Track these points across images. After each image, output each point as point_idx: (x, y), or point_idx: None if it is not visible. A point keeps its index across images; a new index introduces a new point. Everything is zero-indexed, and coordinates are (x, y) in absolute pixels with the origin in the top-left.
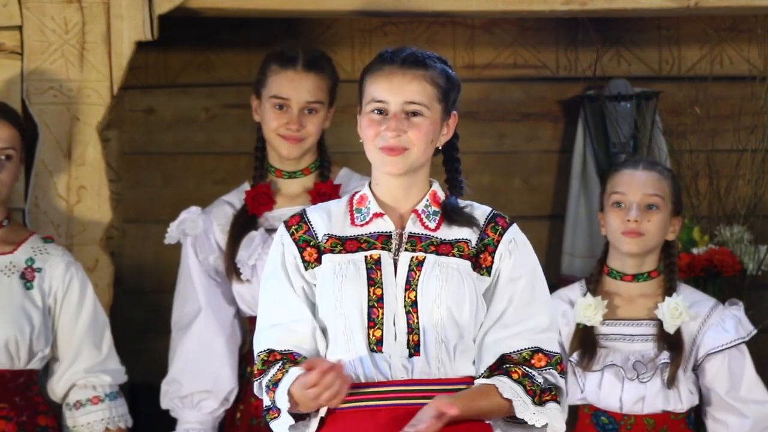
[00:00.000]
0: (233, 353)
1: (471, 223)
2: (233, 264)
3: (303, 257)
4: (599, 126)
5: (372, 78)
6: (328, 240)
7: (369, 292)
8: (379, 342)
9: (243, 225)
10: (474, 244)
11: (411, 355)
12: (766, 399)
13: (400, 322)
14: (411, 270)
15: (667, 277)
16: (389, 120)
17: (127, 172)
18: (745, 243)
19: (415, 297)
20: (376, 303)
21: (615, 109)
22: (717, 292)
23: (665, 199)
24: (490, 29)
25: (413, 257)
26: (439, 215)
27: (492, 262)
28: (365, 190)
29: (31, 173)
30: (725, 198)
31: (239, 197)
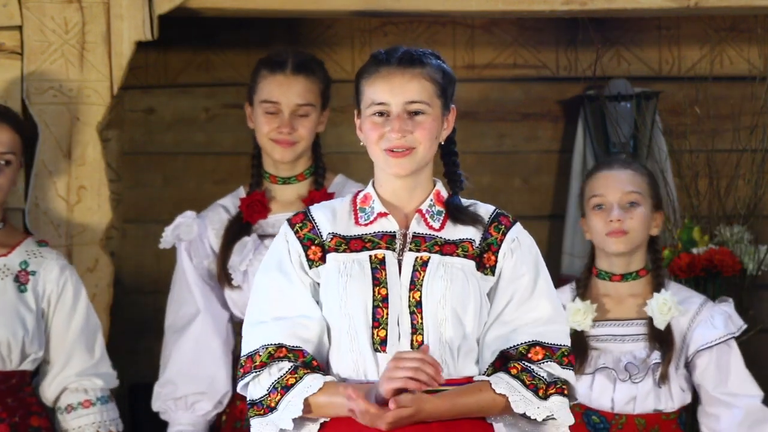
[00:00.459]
0: (228, 356)
1: (475, 222)
2: (224, 270)
3: (307, 255)
4: (599, 126)
5: (369, 80)
6: (332, 239)
7: (374, 291)
8: (383, 342)
9: (236, 231)
10: (478, 243)
11: None
12: (755, 393)
13: (404, 322)
14: (415, 270)
15: (654, 274)
16: (392, 121)
17: (127, 172)
18: (745, 243)
19: (420, 297)
20: (380, 303)
21: (615, 109)
22: (717, 292)
23: (644, 195)
24: (490, 29)
25: (418, 257)
26: (443, 215)
27: (496, 261)
28: (369, 189)
29: (31, 173)
30: (725, 198)
31: (234, 202)
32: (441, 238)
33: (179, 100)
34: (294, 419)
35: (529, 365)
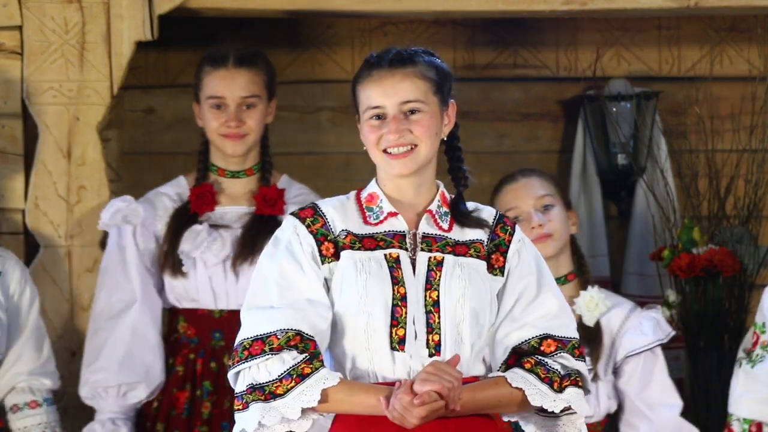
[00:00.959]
0: (163, 346)
1: (481, 225)
2: (174, 256)
3: (320, 251)
4: (599, 126)
5: (363, 85)
6: (346, 236)
7: (393, 290)
8: (402, 341)
9: (184, 219)
10: (486, 244)
11: (431, 355)
12: (675, 403)
13: (419, 321)
14: (430, 270)
15: (580, 272)
16: (389, 123)
17: (127, 172)
18: (745, 243)
19: (437, 297)
20: (400, 302)
21: (615, 109)
22: (717, 292)
23: (555, 196)
24: (490, 29)
25: (431, 257)
26: (450, 216)
27: (504, 261)
28: (374, 188)
29: (31, 173)
30: (725, 198)
31: (175, 190)
32: (451, 239)
33: (179, 100)
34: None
35: (543, 359)
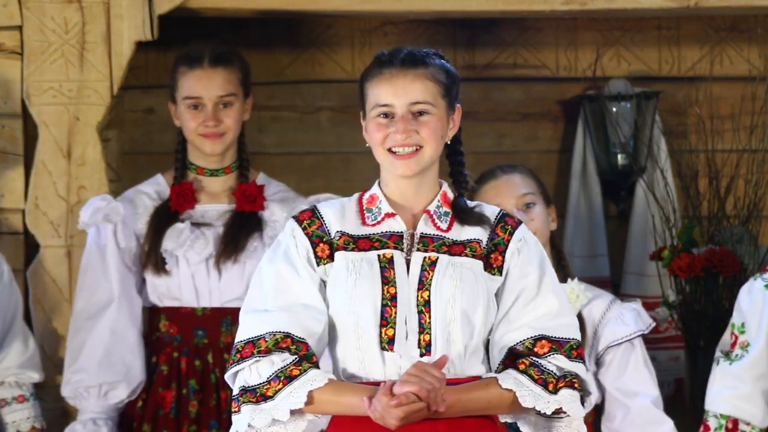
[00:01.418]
0: (142, 345)
1: (482, 223)
2: (157, 254)
3: (315, 253)
4: (599, 126)
5: (373, 83)
6: (340, 237)
7: (383, 290)
8: (391, 341)
9: (165, 217)
10: (485, 243)
11: (422, 355)
12: (648, 392)
13: (411, 321)
14: (424, 270)
15: (559, 266)
16: (397, 122)
17: (127, 172)
18: (745, 243)
19: (429, 297)
20: (389, 302)
21: (615, 109)
22: (717, 292)
23: (536, 194)
24: (490, 29)
25: (426, 257)
26: (450, 216)
27: (503, 261)
28: (375, 190)
29: (31, 173)
30: (725, 198)
31: (154, 188)
32: (449, 238)
33: None
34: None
35: (537, 360)
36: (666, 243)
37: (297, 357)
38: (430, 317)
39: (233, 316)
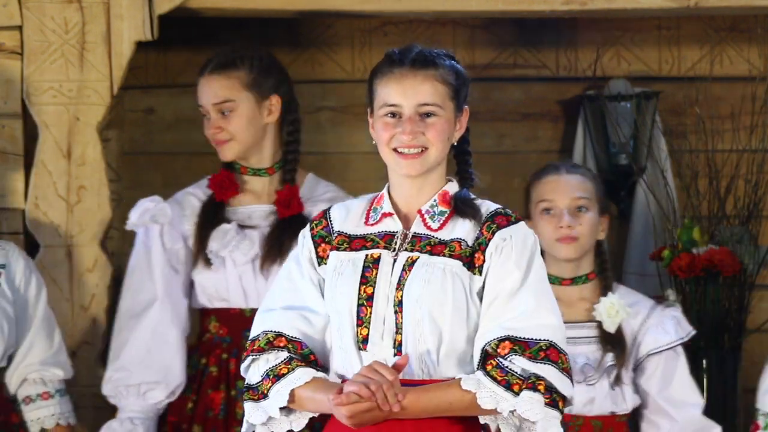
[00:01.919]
0: (184, 346)
1: (476, 215)
2: (204, 253)
3: (317, 253)
4: (599, 126)
5: (382, 81)
6: (337, 237)
7: (360, 290)
8: (365, 341)
9: (212, 214)
10: (470, 243)
11: (395, 355)
12: (696, 402)
13: (388, 321)
14: (404, 270)
15: (602, 277)
16: (404, 123)
17: (127, 172)
18: (745, 243)
19: (402, 297)
20: (365, 301)
21: (615, 109)
22: (717, 292)
23: (592, 200)
24: (490, 29)
25: (408, 257)
26: (446, 215)
27: (484, 260)
28: (384, 190)
29: (31, 173)
30: (725, 198)
31: (202, 190)
32: (435, 238)
33: (179, 100)
34: (282, 409)
35: (501, 360)
36: (666, 243)
37: (289, 356)
38: (402, 317)
39: None
